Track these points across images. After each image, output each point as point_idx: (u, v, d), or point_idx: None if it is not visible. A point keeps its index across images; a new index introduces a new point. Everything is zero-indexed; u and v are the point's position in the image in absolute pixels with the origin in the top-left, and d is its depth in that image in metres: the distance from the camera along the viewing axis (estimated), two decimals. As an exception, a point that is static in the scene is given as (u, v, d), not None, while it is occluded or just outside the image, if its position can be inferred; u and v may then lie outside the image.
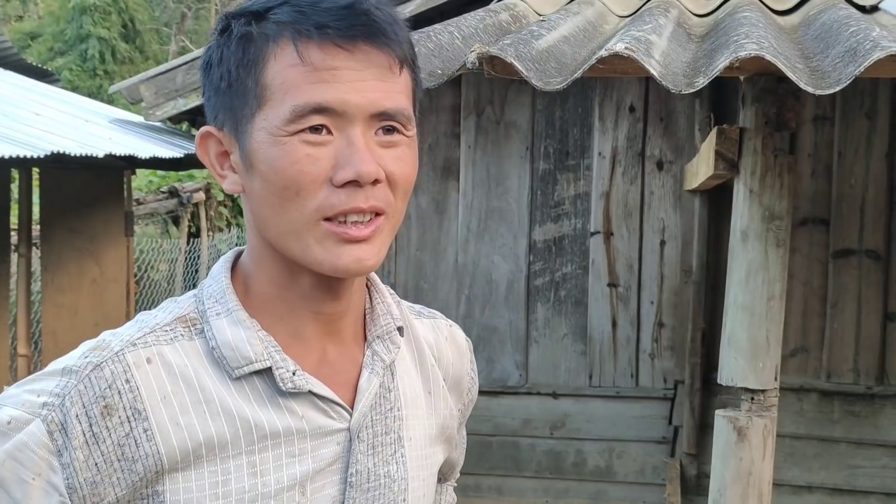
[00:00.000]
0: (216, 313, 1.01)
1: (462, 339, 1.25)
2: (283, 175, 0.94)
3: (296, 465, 1.00)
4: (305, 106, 0.93)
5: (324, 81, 0.94)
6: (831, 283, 4.28)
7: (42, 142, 4.36)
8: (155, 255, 9.61)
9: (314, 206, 0.95)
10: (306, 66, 0.94)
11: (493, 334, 4.57)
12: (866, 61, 2.04)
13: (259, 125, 0.96)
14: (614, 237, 4.47)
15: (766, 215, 2.52)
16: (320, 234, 0.96)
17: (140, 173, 10.49)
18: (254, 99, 0.96)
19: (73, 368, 0.95)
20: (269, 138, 0.95)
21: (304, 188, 0.94)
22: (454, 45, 2.57)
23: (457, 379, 1.22)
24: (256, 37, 0.96)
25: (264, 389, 1.00)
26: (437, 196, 4.57)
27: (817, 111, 4.24)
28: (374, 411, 1.06)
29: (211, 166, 1.03)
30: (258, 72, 0.96)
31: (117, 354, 0.96)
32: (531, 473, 4.60)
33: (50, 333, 5.72)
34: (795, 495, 4.35)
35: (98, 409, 0.93)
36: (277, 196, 0.96)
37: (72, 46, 18.87)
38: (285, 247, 0.98)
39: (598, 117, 4.47)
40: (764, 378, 2.56)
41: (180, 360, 0.98)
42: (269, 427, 0.99)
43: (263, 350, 0.99)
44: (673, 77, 2.22)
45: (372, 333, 1.09)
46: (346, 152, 0.94)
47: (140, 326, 1.00)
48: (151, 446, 0.94)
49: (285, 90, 0.94)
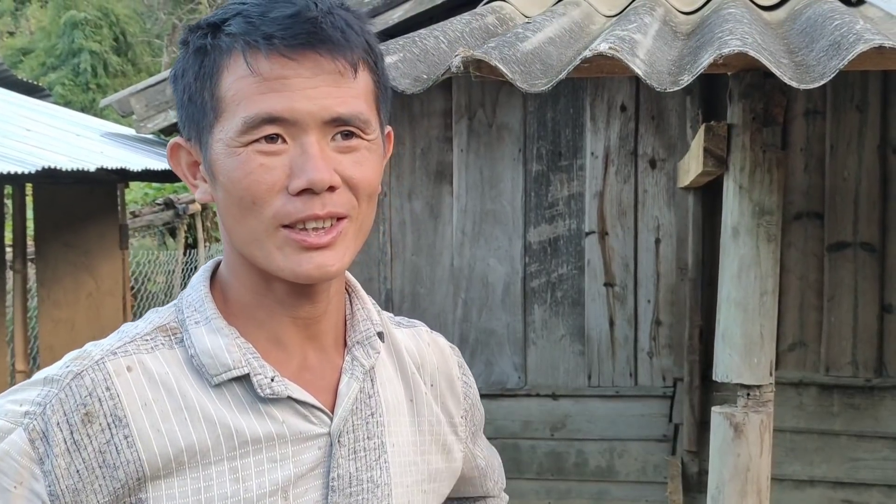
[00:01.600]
0: (195, 322, 1.02)
1: (445, 344, 1.25)
2: (239, 185, 0.96)
3: (277, 471, 1.00)
4: (256, 117, 0.94)
5: (274, 91, 0.94)
6: (827, 276, 4.27)
7: (33, 157, 4.35)
8: (152, 266, 9.61)
9: (271, 214, 0.96)
10: (256, 77, 0.95)
11: (490, 337, 4.56)
12: (849, 54, 2.04)
13: (217, 137, 0.97)
14: (609, 237, 4.46)
15: (756, 211, 2.52)
16: (280, 240, 0.97)
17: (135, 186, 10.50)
18: (211, 111, 0.97)
19: (54, 377, 0.97)
20: (225, 150, 0.97)
21: (260, 197, 0.96)
22: (440, 50, 2.57)
23: (448, 383, 1.22)
24: (211, 49, 0.98)
25: (244, 396, 1.00)
26: (430, 200, 4.56)
27: (808, 105, 4.24)
28: (354, 416, 1.07)
29: (184, 176, 1.05)
30: (213, 84, 0.97)
31: (97, 363, 0.97)
32: (532, 475, 4.59)
33: (47, 348, 5.71)
34: (798, 490, 4.34)
35: (79, 416, 0.94)
36: (237, 206, 0.97)
37: (64, 61, 18.86)
38: (250, 255, 1.00)
39: (590, 117, 4.46)
40: (759, 373, 2.55)
41: (161, 368, 0.99)
42: (250, 433, 0.99)
43: (241, 357, 1.00)
44: (658, 75, 2.22)
45: (352, 339, 1.10)
46: (300, 161, 0.95)
47: (121, 336, 1.02)
48: (132, 453, 0.95)
49: (237, 102, 0.95)
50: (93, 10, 19.23)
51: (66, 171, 4.31)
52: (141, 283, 9.16)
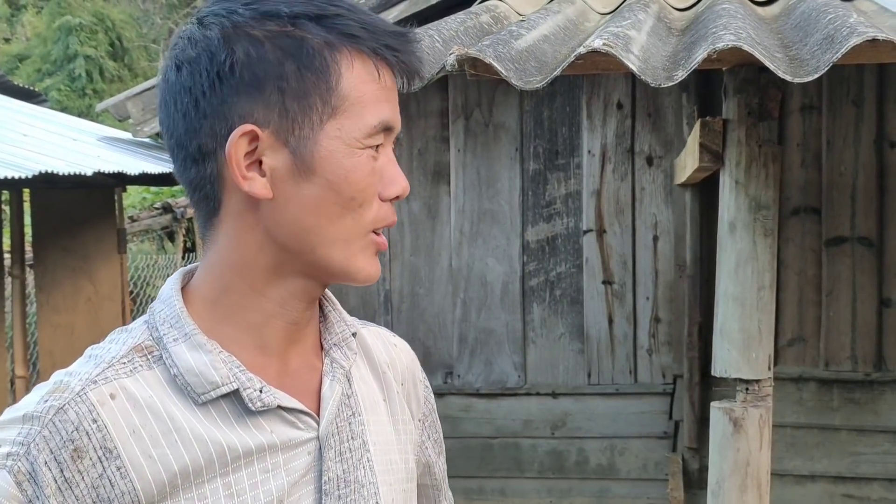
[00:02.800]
0: (173, 339, 0.98)
1: (407, 346, 1.25)
2: (356, 186, 0.98)
3: (270, 481, 0.99)
4: (382, 123, 0.99)
5: (387, 101, 1.00)
6: (825, 271, 4.28)
7: (30, 162, 4.35)
8: (151, 271, 9.61)
9: (370, 218, 1.00)
10: (380, 84, 0.99)
11: (490, 336, 4.57)
12: (843, 48, 2.04)
13: (332, 134, 0.97)
14: (607, 234, 4.47)
15: (752, 205, 2.52)
16: (367, 243, 1.01)
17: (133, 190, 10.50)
18: (326, 106, 0.96)
19: (35, 414, 0.93)
20: (344, 149, 0.97)
21: (368, 200, 1.00)
22: (434, 49, 2.58)
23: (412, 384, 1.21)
24: (318, 44, 0.96)
25: (231, 410, 0.99)
26: (428, 201, 4.57)
27: (804, 100, 4.25)
28: (338, 418, 1.06)
29: (237, 165, 0.96)
30: (332, 80, 0.96)
31: (79, 395, 0.94)
32: (534, 474, 4.59)
33: (47, 353, 5.70)
34: (799, 485, 4.34)
35: (68, 453, 0.92)
36: (340, 205, 0.98)
37: (59, 67, 18.82)
38: (327, 254, 1.00)
39: (587, 115, 4.47)
40: (757, 368, 2.55)
41: (144, 392, 0.96)
42: (242, 447, 0.98)
43: (228, 372, 0.98)
44: (652, 71, 2.22)
45: (328, 341, 1.09)
46: (391, 169, 1.01)
47: (97, 362, 0.98)
48: (126, 483, 0.93)
49: (363, 104, 0.98)
50: (88, 16, 19.21)
51: (63, 176, 4.31)
52: (140, 288, 9.16)
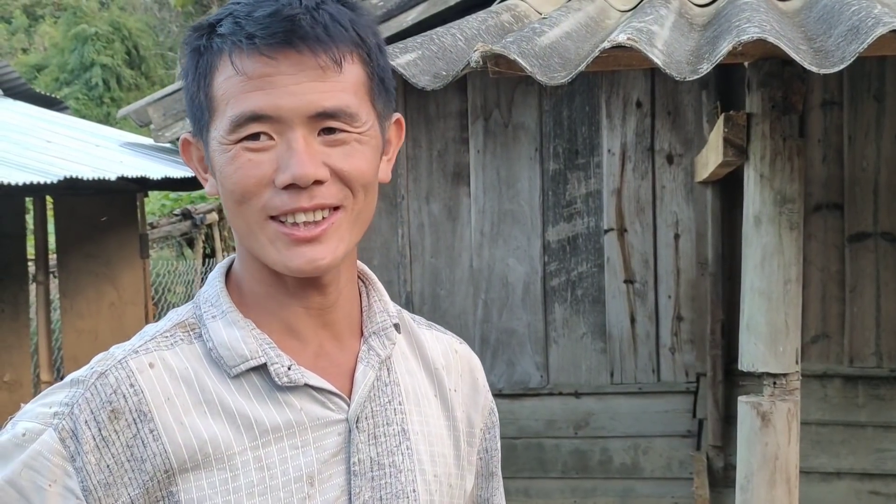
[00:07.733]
0: (212, 316, 1.06)
1: (471, 355, 1.25)
2: (230, 180, 1.00)
3: (300, 457, 1.03)
4: (241, 115, 0.98)
5: (259, 90, 0.98)
6: (848, 267, 4.26)
7: (55, 168, 4.40)
8: (171, 277, 9.66)
9: (259, 206, 1.00)
10: (241, 77, 0.99)
11: (511, 337, 4.57)
12: (869, 38, 2.04)
13: (212, 135, 1.02)
14: (628, 233, 4.46)
15: (777, 199, 2.52)
16: (271, 234, 1.01)
17: (152, 197, 10.56)
18: (207, 111, 1.02)
19: (80, 379, 1.01)
20: (218, 147, 1.01)
21: (249, 190, 1.00)
22: (457, 47, 2.59)
23: (472, 391, 1.21)
24: (204, 50, 1.02)
25: (262, 385, 1.03)
26: (448, 202, 4.57)
27: (825, 96, 4.23)
28: (372, 402, 1.08)
29: (196, 171, 1.10)
30: (207, 84, 1.02)
31: (120, 362, 1.01)
32: (557, 474, 4.59)
33: (71, 358, 5.75)
34: (825, 482, 4.32)
35: (105, 413, 0.98)
36: (231, 200, 1.02)
37: (76, 76, 18.96)
38: (249, 248, 1.04)
39: (606, 114, 4.47)
40: (785, 362, 2.55)
41: (181, 364, 1.03)
42: (270, 422, 1.02)
43: (258, 347, 1.03)
44: (676, 65, 2.23)
45: (368, 329, 1.12)
46: (286, 156, 0.99)
47: (142, 336, 1.06)
48: (158, 446, 0.99)
49: (226, 101, 1.00)
50: (104, 25, 19.34)
51: (86, 181, 4.35)
52: (161, 294, 9.21)
